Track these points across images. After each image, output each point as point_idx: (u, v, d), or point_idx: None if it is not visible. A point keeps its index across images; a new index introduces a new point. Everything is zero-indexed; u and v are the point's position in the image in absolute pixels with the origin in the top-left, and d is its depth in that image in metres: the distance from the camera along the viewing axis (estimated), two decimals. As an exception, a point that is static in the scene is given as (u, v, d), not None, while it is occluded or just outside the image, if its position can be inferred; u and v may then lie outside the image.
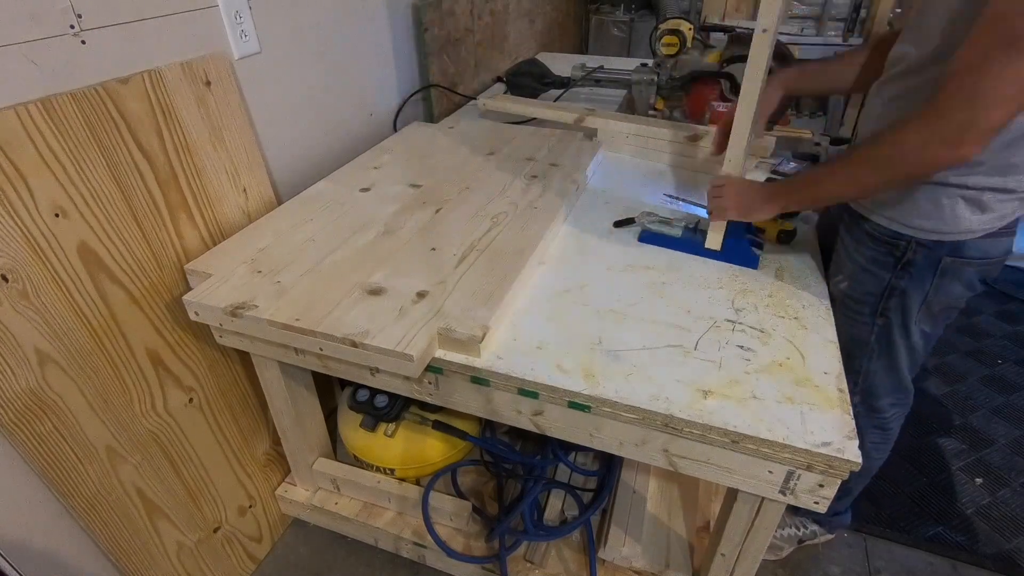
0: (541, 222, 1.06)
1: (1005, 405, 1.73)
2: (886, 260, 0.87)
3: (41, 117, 0.75)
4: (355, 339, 0.79)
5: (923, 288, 0.86)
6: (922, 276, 0.86)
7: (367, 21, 1.42)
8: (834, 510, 1.28)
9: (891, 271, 0.87)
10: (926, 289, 0.86)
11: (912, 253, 0.85)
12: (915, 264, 0.85)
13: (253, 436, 1.21)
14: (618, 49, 3.21)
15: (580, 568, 1.11)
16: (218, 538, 1.16)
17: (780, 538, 1.31)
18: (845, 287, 0.93)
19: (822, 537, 1.32)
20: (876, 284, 0.89)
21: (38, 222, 0.77)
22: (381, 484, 1.20)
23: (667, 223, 1.06)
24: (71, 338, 0.83)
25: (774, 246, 1.06)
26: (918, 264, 0.85)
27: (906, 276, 0.86)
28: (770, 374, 0.78)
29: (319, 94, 1.30)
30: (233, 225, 1.07)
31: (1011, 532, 1.38)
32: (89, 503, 0.89)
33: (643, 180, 1.32)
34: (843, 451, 0.68)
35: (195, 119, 0.96)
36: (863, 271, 0.90)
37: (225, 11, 1.01)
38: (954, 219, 0.80)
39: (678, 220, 1.07)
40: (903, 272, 0.86)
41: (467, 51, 1.83)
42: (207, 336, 1.02)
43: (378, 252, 0.98)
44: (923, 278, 0.86)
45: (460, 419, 1.21)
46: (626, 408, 0.75)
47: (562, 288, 0.95)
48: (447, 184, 1.21)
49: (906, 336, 0.91)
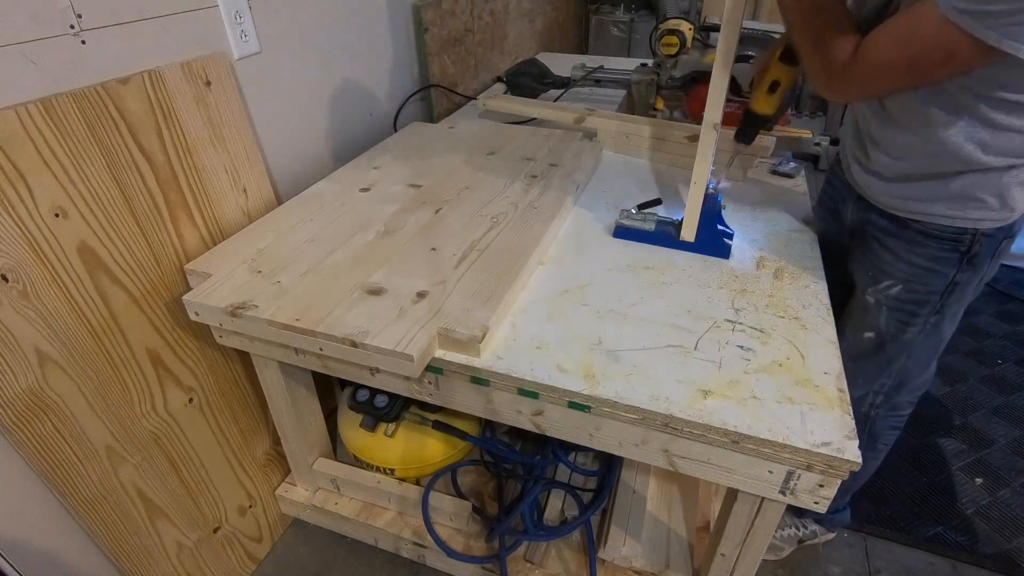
0: (541, 222, 1.06)
1: (1005, 405, 1.73)
2: (950, 256, 0.88)
3: (41, 117, 0.75)
4: (355, 339, 0.79)
5: (980, 274, 0.89)
6: (983, 263, 0.88)
7: (367, 21, 1.42)
8: (833, 508, 1.28)
9: (956, 266, 0.89)
10: (982, 274, 0.89)
11: (978, 245, 0.86)
12: (979, 255, 0.87)
13: (253, 436, 1.21)
14: (618, 49, 3.21)
15: (580, 568, 1.11)
16: (218, 538, 1.16)
17: (780, 538, 1.31)
18: (898, 291, 0.93)
19: (822, 537, 1.32)
20: (940, 281, 0.90)
21: (38, 222, 0.77)
22: (381, 484, 1.20)
23: (641, 218, 1.08)
24: (71, 338, 0.83)
25: (767, 241, 1.06)
26: (982, 254, 0.87)
27: (970, 269, 0.88)
28: (770, 374, 0.78)
29: (319, 94, 1.30)
30: (233, 225, 1.07)
31: (1011, 532, 1.38)
32: (89, 503, 0.89)
33: (643, 180, 1.32)
34: (843, 451, 0.68)
35: (195, 119, 0.97)
36: (925, 271, 0.90)
37: (225, 11, 1.01)
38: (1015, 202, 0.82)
39: (650, 215, 1.08)
40: (968, 265, 0.88)
41: (467, 51, 1.83)
42: (207, 336, 1.02)
43: (378, 252, 0.98)
44: (983, 265, 0.88)
45: (460, 419, 1.21)
46: (626, 408, 0.75)
47: (562, 288, 0.95)
48: (447, 184, 1.21)
49: (953, 324, 0.95)
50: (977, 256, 0.87)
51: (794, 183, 1.29)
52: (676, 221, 1.06)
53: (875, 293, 0.96)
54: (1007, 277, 2.27)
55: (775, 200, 1.20)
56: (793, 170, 1.27)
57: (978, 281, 0.91)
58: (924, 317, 0.92)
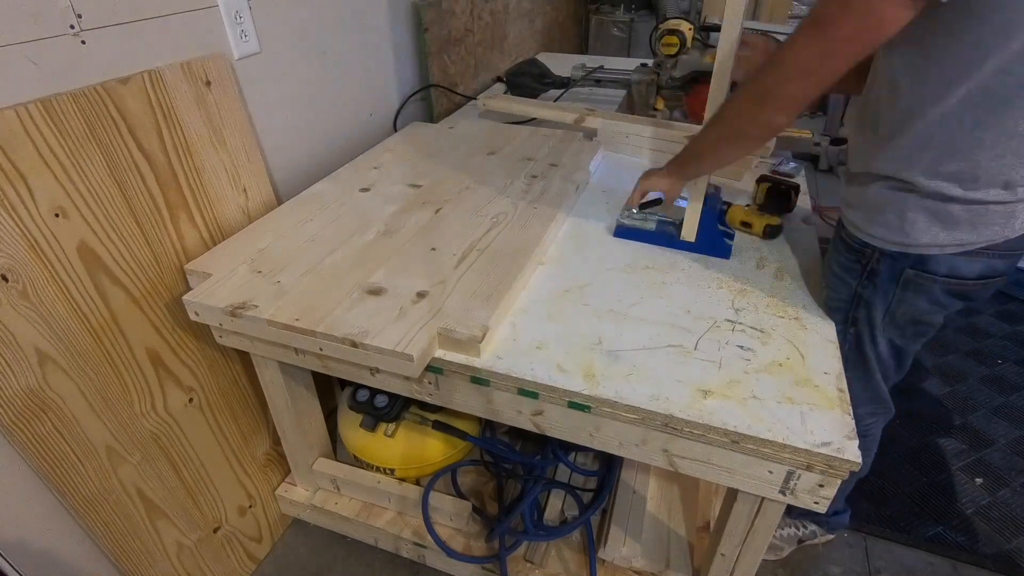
0: (541, 222, 1.06)
1: (1005, 405, 1.73)
2: (854, 267, 0.86)
3: (41, 117, 0.75)
4: (355, 339, 0.79)
5: (886, 298, 0.85)
6: (885, 286, 0.84)
7: (367, 21, 1.42)
8: (832, 509, 1.28)
9: (857, 279, 0.86)
10: (888, 300, 0.85)
11: (876, 263, 0.83)
12: (879, 274, 0.84)
13: (253, 436, 1.21)
14: (618, 49, 3.21)
15: (580, 568, 1.11)
16: (218, 538, 1.16)
17: (780, 538, 1.31)
18: (826, 294, 0.93)
19: (822, 537, 1.32)
20: (846, 292, 0.88)
21: (38, 222, 0.77)
22: (381, 484, 1.20)
23: (642, 218, 1.08)
24: (71, 338, 0.83)
25: (765, 242, 1.07)
26: (881, 274, 0.83)
27: (870, 286, 0.85)
28: (770, 374, 0.78)
29: (319, 94, 1.30)
30: (233, 225, 1.07)
31: (1011, 532, 1.38)
32: (89, 503, 0.89)
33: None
34: (843, 451, 0.68)
35: (195, 119, 0.96)
36: (836, 278, 0.90)
37: (225, 11, 1.01)
38: (915, 231, 0.77)
39: (652, 215, 1.09)
40: (867, 281, 0.85)
41: (467, 51, 1.83)
42: (207, 336, 1.02)
43: (378, 252, 0.98)
44: (886, 288, 0.84)
45: (460, 419, 1.21)
46: (626, 408, 0.75)
47: (562, 288, 0.95)
48: (447, 184, 1.21)
49: (874, 346, 0.90)
50: (876, 274, 0.84)
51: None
52: (677, 221, 1.06)
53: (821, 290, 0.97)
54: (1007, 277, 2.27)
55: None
56: (793, 170, 1.27)
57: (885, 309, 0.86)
58: (841, 324, 0.90)
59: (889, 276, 0.83)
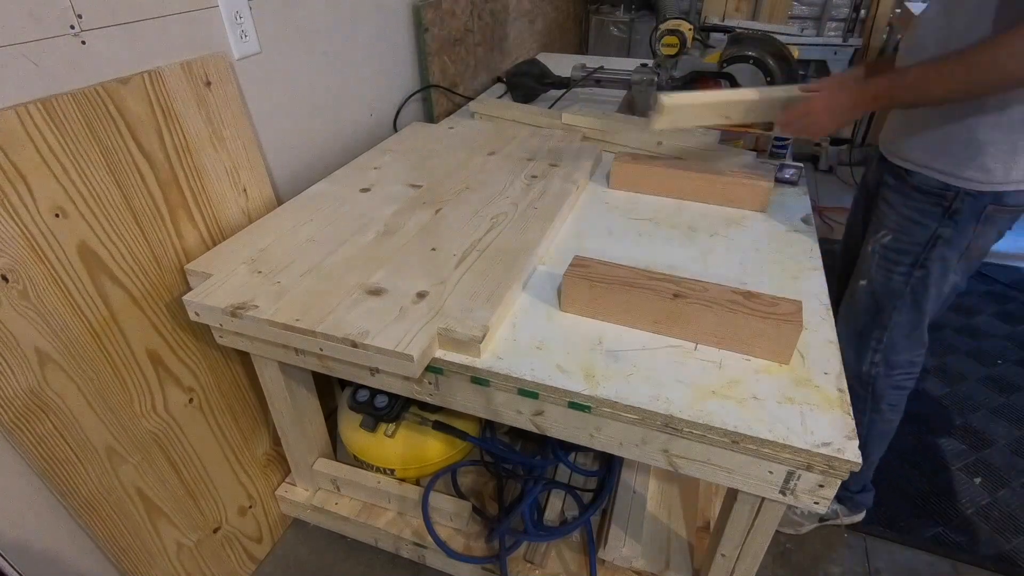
0: (541, 222, 1.06)
1: (1005, 405, 1.73)
2: (933, 211, 0.95)
3: (41, 117, 0.75)
4: (355, 339, 0.79)
5: (965, 235, 0.94)
6: (966, 224, 0.93)
7: (367, 21, 1.42)
8: (859, 484, 1.31)
9: (938, 220, 0.95)
10: (968, 236, 0.94)
11: (959, 203, 0.92)
12: (960, 212, 0.93)
13: (253, 436, 1.21)
14: (618, 49, 3.21)
15: (580, 568, 1.11)
16: (218, 538, 1.16)
17: (800, 515, 1.31)
18: (889, 240, 1.00)
19: (845, 518, 1.32)
20: (922, 234, 0.96)
21: (38, 222, 0.77)
22: (381, 484, 1.20)
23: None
24: (71, 338, 0.83)
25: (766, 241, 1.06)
26: (963, 212, 0.92)
27: (951, 224, 0.94)
28: (770, 374, 0.78)
29: (319, 94, 1.30)
30: (233, 225, 1.07)
31: (1011, 532, 1.38)
32: (89, 503, 0.89)
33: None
34: (843, 451, 0.68)
35: (195, 119, 0.97)
36: (910, 222, 0.97)
37: (225, 11, 1.01)
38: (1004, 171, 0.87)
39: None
40: (949, 221, 0.94)
41: (467, 51, 1.83)
42: (207, 336, 1.02)
43: (378, 252, 0.98)
44: (967, 226, 0.93)
45: (460, 419, 1.21)
46: (626, 408, 0.75)
47: (562, 288, 0.95)
48: (447, 184, 1.21)
49: (941, 283, 0.99)
50: (959, 213, 0.93)
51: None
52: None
53: (873, 242, 1.04)
54: (1007, 277, 2.27)
55: (775, 200, 1.20)
56: (793, 175, 1.27)
57: (966, 245, 0.95)
58: (907, 267, 0.98)
59: (971, 213, 0.92)
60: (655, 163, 1.23)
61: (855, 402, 1.12)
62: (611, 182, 1.26)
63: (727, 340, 0.81)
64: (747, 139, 1.46)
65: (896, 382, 1.12)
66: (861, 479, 1.29)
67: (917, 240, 0.97)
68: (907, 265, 0.98)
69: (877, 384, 1.12)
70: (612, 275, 0.87)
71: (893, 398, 1.14)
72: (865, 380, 1.13)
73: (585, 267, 0.88)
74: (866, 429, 1.17)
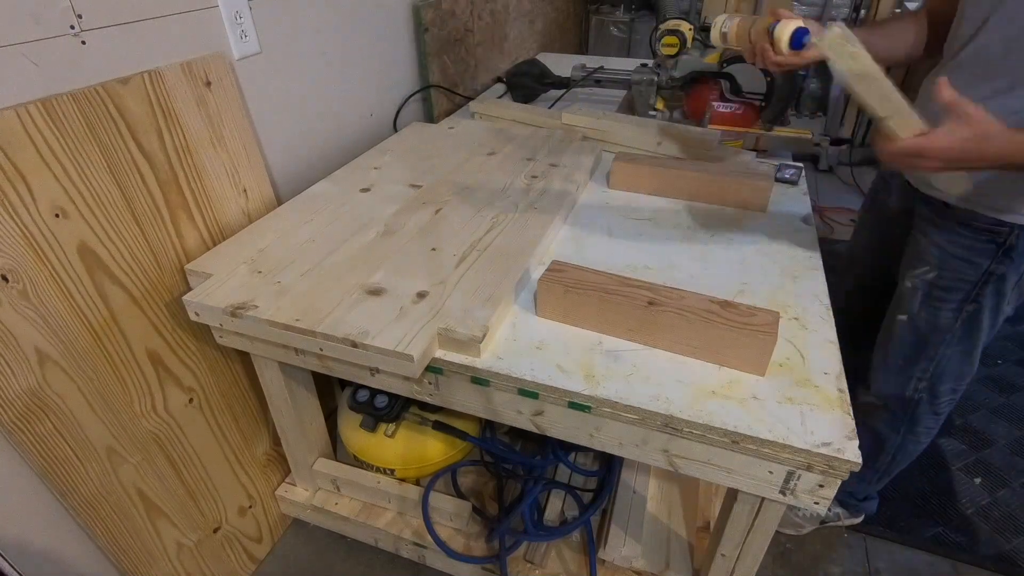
0: (541, 222, 1.06)
1: (1005, 405, 1.73)
2: (985, 247, 0.90)
3: (41, 117, 0.75)
4: (355, 339, 0.79)
5: (1019, 268, 0.90)
6: (1020, 258, 0.89)
7: (367, 21, 1.42)
8: (866, 494, 1.30)
9: (991, 257, 0.90)
10: (1021, 270, 0.90)
11: (1015, 239, 0.87)
12: (1017, 249, 0.88)
13: (253, 436, 1.21)
14: (618, 49, 3.21)
15: (580, 568, 1.11)
16: (218, 538, 1.16)
17: (801, 516, 1.31)
18: (932, 277, 0.95)
19: (846, 520, 1.32)
20: (973, 272, 0.92)
21: (38, 222, 0.77)
22: (381, 484, 1.20)
23: None
24: (71, 338, 0.83)
25: (765, 240, 1.06)
26: (1018, 247, 0.88)
27: (1007, 260, 0.89)
28: (770, 374, 0.78)
29: (319, 94, 1.30)
30: (233, 225, 1.07)
31: (1011, 532, 1.38)
32: (89, 503, 0.89)
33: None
34: (843, 451, 0.68)
35: (195, 119, 0.97)
36: (957, 259, 0.92)
37: (225, 11, 1.01)
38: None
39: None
40: (1004, 257, 0.89)
41: (467, 51, 1.83)
42: (207, 336, 1.02)
43: (378, 252, 0.98)
44: (1020, 259, 0.89)
45: (460, 419, 1.21)
46: (626, 408, 0.75)
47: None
48: (447, 184, 1.21)
49: (994, 317, 0.95)
50: (1014, 249, 0.88)
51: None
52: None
53: (912, 278, 0.99)
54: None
55: (775, 200, 1.20)
56: (793, 175, 1.27)
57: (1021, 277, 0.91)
58: (957, 303, 0.93)
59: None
60: (655, 163, 1.23)
61: (890, 421, 1.11)
62: (611, 182, 1.26)
63: (701, 350, 0.79)
64: (747, 139, 1.46)
65: (938, 408, 1.08)
66: (873, 490, 1.28)
67: (967, 278, 0.92)
68: (957, 301, 0.93)
69: (919, 410, 1.08)
70: (587, 281, 0.84)
71: (930, 422, 1.11)
72: (907, 404, 1.09)
73: (560, 272, 0.86)
74: (896, 448, 1.14)
